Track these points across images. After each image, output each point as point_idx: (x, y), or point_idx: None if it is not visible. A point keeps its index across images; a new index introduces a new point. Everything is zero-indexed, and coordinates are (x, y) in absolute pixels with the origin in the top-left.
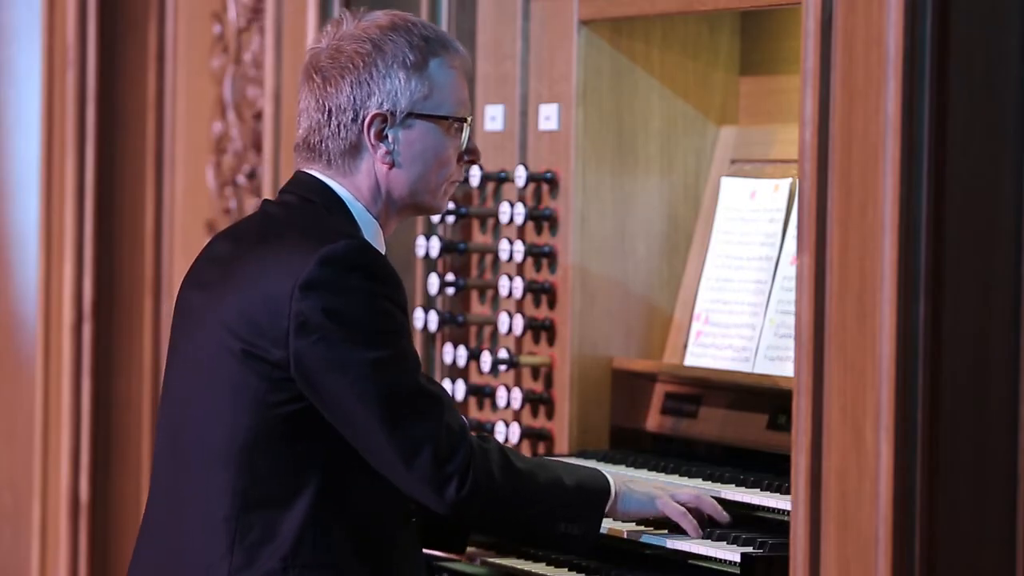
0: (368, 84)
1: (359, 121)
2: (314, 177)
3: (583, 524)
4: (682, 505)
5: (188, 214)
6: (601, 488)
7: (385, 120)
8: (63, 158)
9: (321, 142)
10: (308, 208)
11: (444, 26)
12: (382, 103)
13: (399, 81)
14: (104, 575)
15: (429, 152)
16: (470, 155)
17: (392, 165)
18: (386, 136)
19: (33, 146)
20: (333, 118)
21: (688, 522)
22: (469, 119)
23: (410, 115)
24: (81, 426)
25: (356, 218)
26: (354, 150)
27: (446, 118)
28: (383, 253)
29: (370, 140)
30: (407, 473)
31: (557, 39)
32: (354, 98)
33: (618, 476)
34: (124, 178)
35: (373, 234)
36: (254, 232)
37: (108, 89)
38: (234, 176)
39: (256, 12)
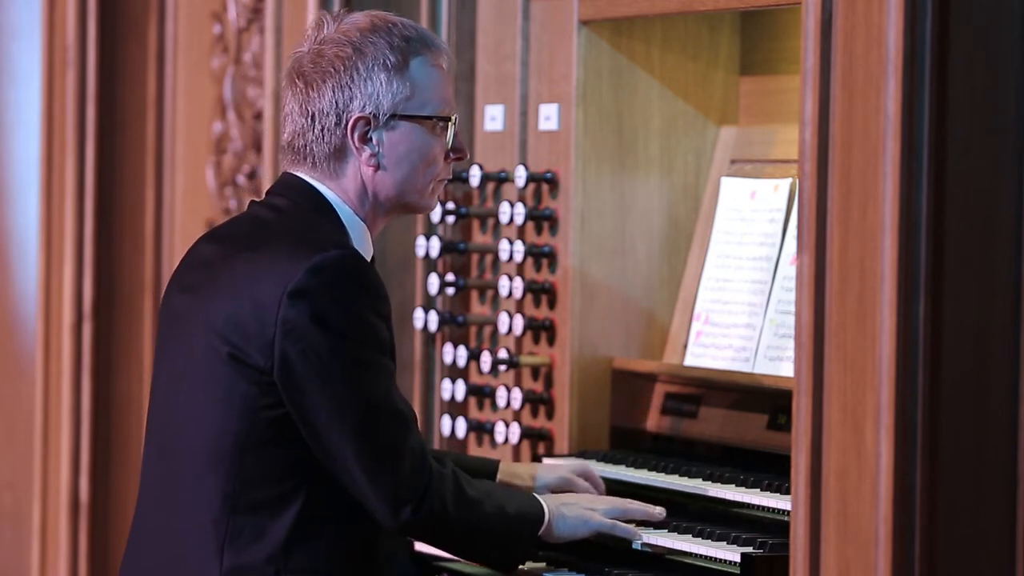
0: (350, 88)
1: (343, 125)
2: (301, 179)
3: (518, 548)
4: (613, 518)
5: (188, 214)
6: (536, 517)
7: (368, 123)
8: (63, 158)
9: (306, 146)
10: (297, 212)
11: (444, 26)
12: (364, 106)
13: (380, 83)
14: (104, 575)
15: (414, 153)
16: (457, 153)
17: (377, 167)
18: (370, 139)
19: (33, 146)
20: (316, 122)
21: (621, 530)
22: (454, 117)
23: (393, 117)
24: (81, 426)
25: (344, 221)
26: (339, 153)
27: (430, 118)
28: (371, 256)
29: (354, 143)
30: (367, 489)
31: (557, 39)
32: (336, 102)
33: (554, 500)
34: (124, 178)
35: (361, 236)
36: (243, 235)
37: (108, 89)
38: (234, 176)
39: (256, 12)
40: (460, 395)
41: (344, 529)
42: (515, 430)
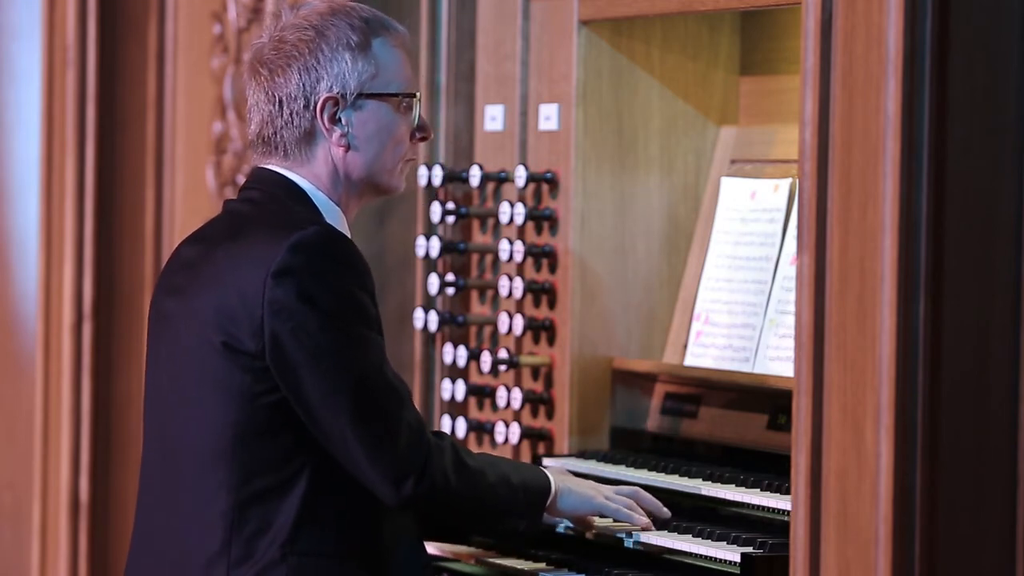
0: (316, 69)
1: (311, 107)
2: (273, 171)
3: (525, 520)
4: (619, 505)
5: (188, 214)
6: (542, 487)
7: (336, 103)
8: (63, 158)
9: (275, 133)
10: (272, 202)
11: (444, 26)
12: (332, 86)
13: (346, 63)
14: (104, 575)
15: (383, 131)
16: (421, 132)
17: (348, 148)
18: (339, 119)
19: (33, 146)
20: (284, 107)
21: (626, 515)
22: (418, 95)
23: (360, 95)
24: (81, 426)
25: (319, 207)
26: (309, 137)
27: (396, 95)
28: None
29: (324, 124)
30: (367, 466)
31: (557, 39)
32: (303, 85)
33: (560, 474)
34: (124, 178)
35: (337, 220)
36: (221, 231)
37: (108, 89)
38: (234, 176)
39: (256, 12)
40: (460, 395)
41: (349, 510)
42: (515, 430)
